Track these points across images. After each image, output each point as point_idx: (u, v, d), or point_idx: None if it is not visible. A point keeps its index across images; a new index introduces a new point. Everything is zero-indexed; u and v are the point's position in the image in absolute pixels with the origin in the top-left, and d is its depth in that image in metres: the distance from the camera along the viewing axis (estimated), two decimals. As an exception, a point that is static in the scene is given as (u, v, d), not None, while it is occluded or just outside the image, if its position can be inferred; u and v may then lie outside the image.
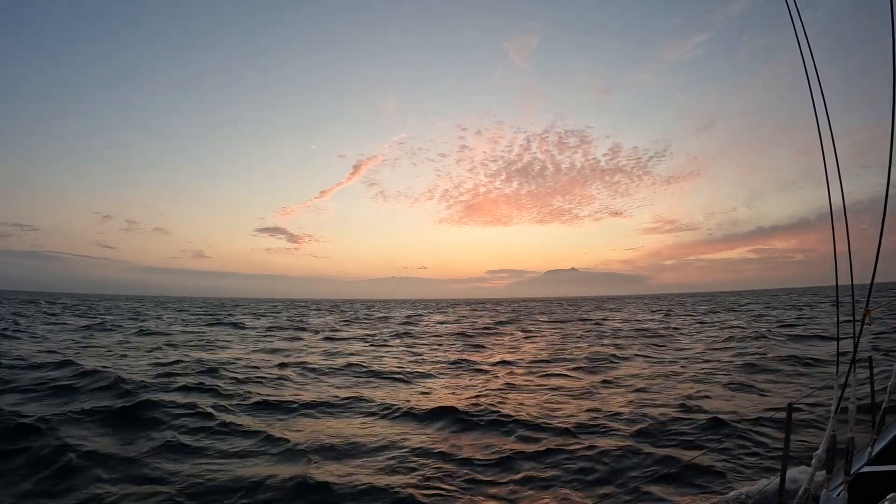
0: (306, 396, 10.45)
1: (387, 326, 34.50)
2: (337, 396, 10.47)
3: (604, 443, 7.07)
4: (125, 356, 16.09)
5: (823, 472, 2.80)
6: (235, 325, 32.08)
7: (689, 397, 9.89)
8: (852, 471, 3.05)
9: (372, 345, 21.50)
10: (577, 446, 6.98)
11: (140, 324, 31.45)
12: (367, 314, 54.86)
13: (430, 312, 62.74)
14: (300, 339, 24.31)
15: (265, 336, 25.38)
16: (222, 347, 19.64)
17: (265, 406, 9.62)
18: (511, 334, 27.25)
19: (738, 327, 25.95)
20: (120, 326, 28.77)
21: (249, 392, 10.67)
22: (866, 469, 3.31)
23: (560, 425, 8.03)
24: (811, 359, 13.96)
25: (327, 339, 24.49)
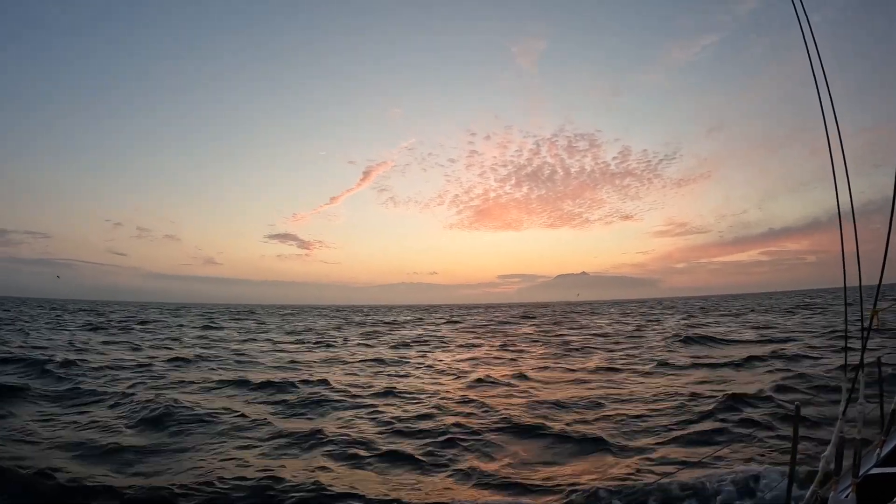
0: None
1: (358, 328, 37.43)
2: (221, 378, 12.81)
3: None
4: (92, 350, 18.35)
5: (832, 473, 2.77)
6: (215, 328, 34.82)
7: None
8: (861, 472, 2.96)
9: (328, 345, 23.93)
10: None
11: (132, 325, 33.72)
12: (361, 320, 57.13)
13: (419, 318, 64.99)
14: (256, 340, 26.56)
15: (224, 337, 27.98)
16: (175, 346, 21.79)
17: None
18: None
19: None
20: (104, 328, 31.11)
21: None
22: (875, 471, 3.23)
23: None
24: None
25: (298, 339, 26.96)
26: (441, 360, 17.45)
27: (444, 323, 45.07)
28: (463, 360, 17.47)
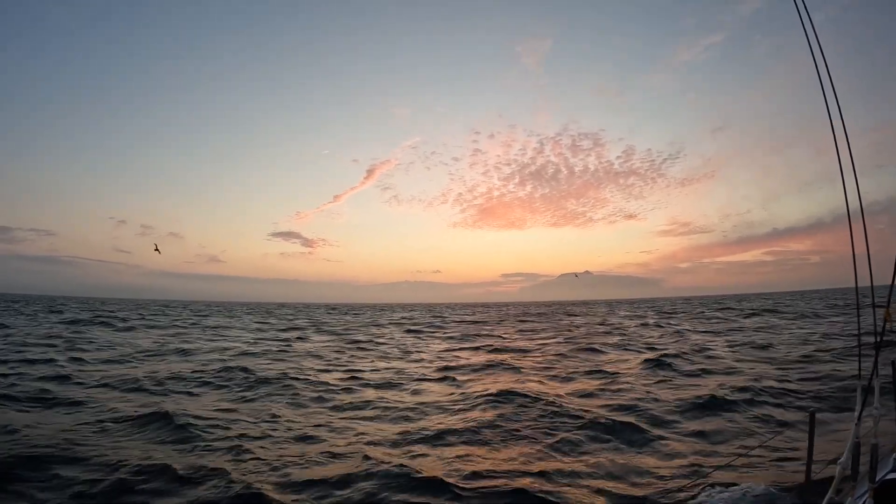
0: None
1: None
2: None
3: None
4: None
5: (848, 479, 2.77)
6: (176, 326, 35.10)
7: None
8: (877, 478, 2.94)
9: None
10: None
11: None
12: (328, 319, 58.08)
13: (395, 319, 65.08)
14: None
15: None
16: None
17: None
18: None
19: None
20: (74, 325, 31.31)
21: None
22: (892, 476, 3.20)
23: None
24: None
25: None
26: (362, 363, 17.74)
27: (424, 324, 45.06)
28: (376, 361, 17.80)
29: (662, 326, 32.30)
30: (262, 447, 7.56)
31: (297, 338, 27.68)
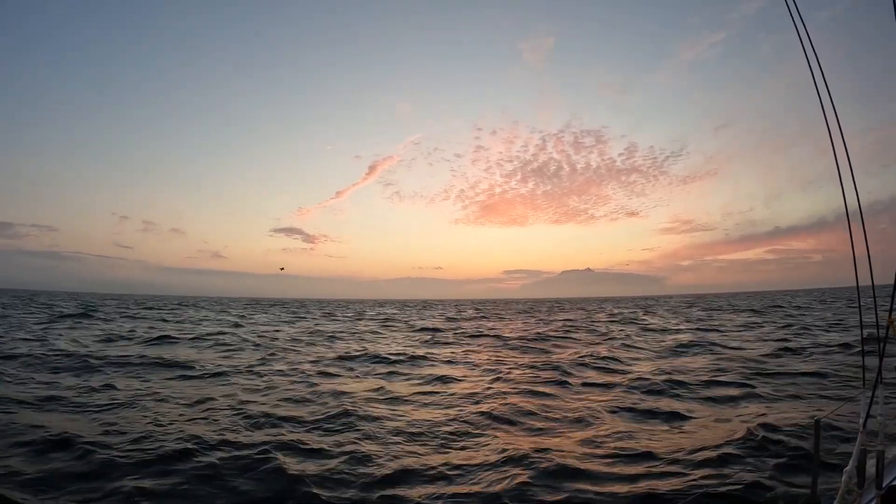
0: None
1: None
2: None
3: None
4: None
5: (855, 487, 2.78)
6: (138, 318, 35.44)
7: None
8: (884, 484, 2.92)
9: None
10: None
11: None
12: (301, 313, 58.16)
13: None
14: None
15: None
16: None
17: None
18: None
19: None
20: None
21: None
22: None
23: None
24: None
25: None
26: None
27: (398, 319, 45.22)
28: (317, 350, 17.96)
29: (637, 322, 32.41)
30: (127, 426, 7.90)
31: (263, 332, 27.89)
